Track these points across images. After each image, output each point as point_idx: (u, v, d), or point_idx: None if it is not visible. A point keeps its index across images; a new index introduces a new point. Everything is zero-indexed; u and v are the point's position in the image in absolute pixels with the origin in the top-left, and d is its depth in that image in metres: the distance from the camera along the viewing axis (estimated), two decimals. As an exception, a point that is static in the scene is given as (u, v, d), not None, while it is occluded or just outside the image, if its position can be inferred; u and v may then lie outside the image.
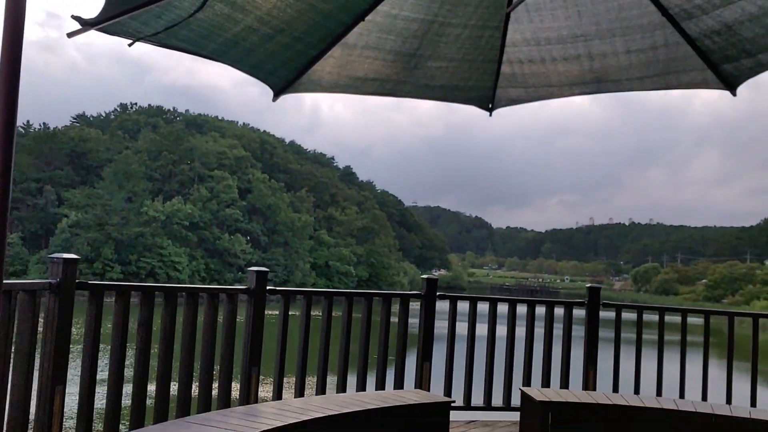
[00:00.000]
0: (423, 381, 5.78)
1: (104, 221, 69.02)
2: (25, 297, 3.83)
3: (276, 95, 4.19)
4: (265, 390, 5.48)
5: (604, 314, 6.33)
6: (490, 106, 5.02)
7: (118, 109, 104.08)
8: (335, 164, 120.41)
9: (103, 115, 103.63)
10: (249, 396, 5.00)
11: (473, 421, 5.91)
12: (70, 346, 4.17)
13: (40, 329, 3.95)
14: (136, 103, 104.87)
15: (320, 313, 5.54)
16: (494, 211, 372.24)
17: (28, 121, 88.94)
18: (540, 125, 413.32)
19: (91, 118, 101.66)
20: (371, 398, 4.52)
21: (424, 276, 6.09)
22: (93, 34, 3.17)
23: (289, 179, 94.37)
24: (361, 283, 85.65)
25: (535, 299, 6.36)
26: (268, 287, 5.20)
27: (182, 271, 71.97)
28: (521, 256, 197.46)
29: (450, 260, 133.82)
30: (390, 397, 4.64)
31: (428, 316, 5.89)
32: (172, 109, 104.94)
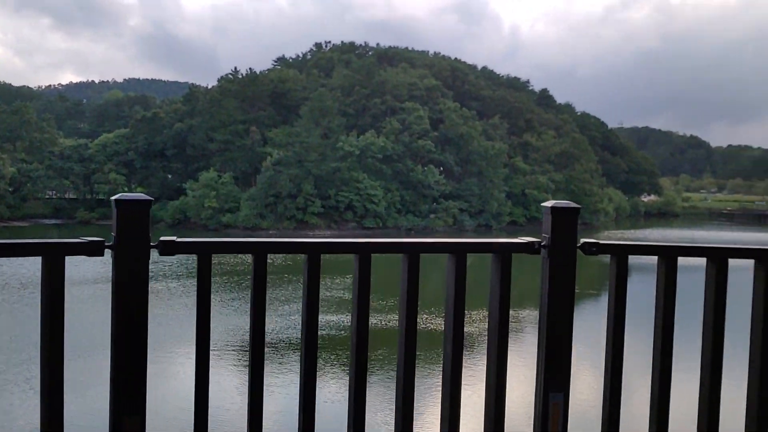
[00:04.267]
0: (551, 422, 2.92)
1: (303, 158, 71.93)
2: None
3: None
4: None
5: None
6: None
7: (314, 49, 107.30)
8: (530, 87, 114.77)
9: (300, 55, 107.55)
10: None
11: None
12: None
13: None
14: (330, 42, 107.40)
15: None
16: (714, 129, 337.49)
17: (235, 68, 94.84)
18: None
19: (290, 60, 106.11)
20: None
21: (546, 203, 2.94)
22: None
23: (481, 106, 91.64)
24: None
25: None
26: (162, 238, 2.47)
27: (378, 204, 73.40)
28: (746, 177, 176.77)
29: (661, 184, 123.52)
30: None
31: (557, 281, 2.92)
32: (363, 44, 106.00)
